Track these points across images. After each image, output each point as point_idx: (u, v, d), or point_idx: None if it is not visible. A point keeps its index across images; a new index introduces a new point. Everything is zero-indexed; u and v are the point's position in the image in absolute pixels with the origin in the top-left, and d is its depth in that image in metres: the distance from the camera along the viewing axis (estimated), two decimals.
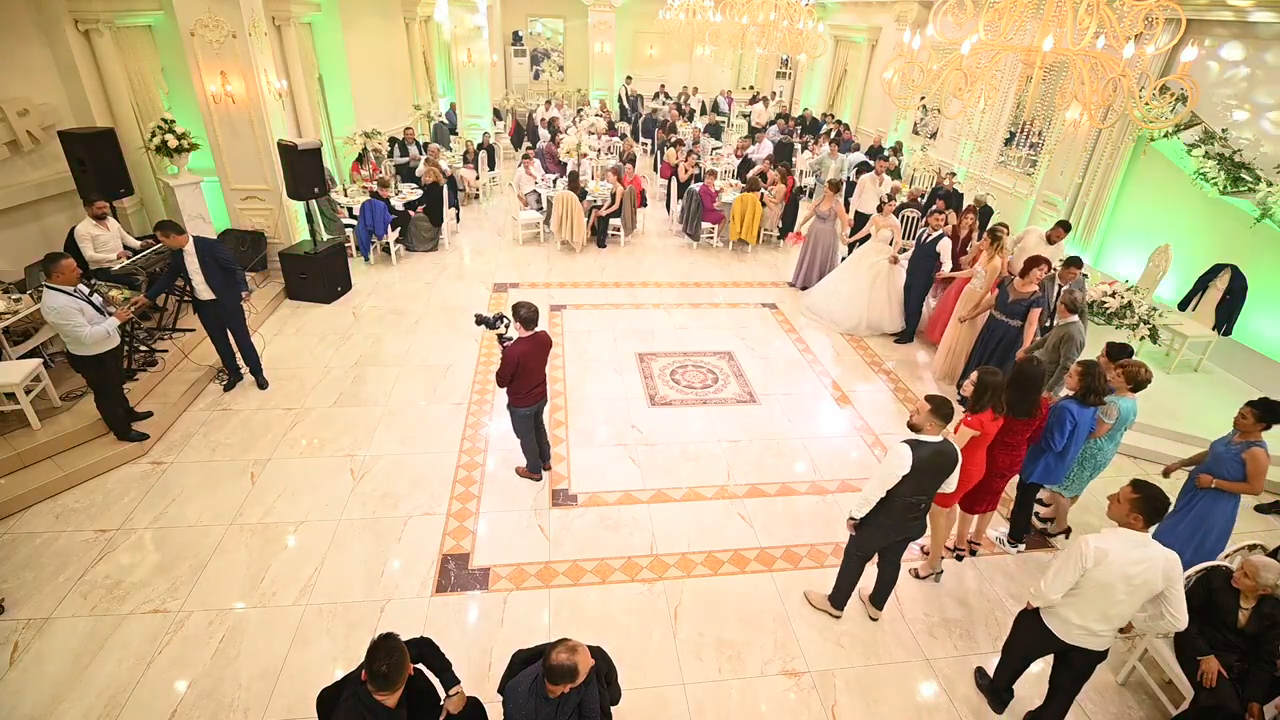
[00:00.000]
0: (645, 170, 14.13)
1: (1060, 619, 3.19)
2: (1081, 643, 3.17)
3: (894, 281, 7.84)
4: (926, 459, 3.48)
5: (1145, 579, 2.94)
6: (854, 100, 15.54)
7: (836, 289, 8.17)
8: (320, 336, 7.31)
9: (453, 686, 2.91)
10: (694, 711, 3.62)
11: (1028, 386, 4.06)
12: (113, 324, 4.81)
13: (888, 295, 7.84)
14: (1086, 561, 2.97)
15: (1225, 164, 6.60)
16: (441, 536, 4.67)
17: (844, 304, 8.02)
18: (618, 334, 7.68)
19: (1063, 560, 3.08)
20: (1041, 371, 4.14)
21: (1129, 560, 2.94)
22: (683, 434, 5.93)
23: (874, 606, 4.20)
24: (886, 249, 7.76)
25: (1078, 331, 5.26)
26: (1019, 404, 4.08)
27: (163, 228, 5.44)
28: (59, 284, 4.57)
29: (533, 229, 10.62)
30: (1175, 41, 4.17)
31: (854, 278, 8.01)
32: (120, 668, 3.68)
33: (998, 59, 3.79)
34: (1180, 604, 2.98)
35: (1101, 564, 2.95)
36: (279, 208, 8.08)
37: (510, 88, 19.87)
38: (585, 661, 2.53)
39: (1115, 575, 2.95)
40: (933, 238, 7.31)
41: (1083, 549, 2.99)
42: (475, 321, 4.70)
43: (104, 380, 4.97)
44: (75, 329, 4.57)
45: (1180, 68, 3.31)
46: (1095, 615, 3.07)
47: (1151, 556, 2.94)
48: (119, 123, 7.40)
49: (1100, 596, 3.02)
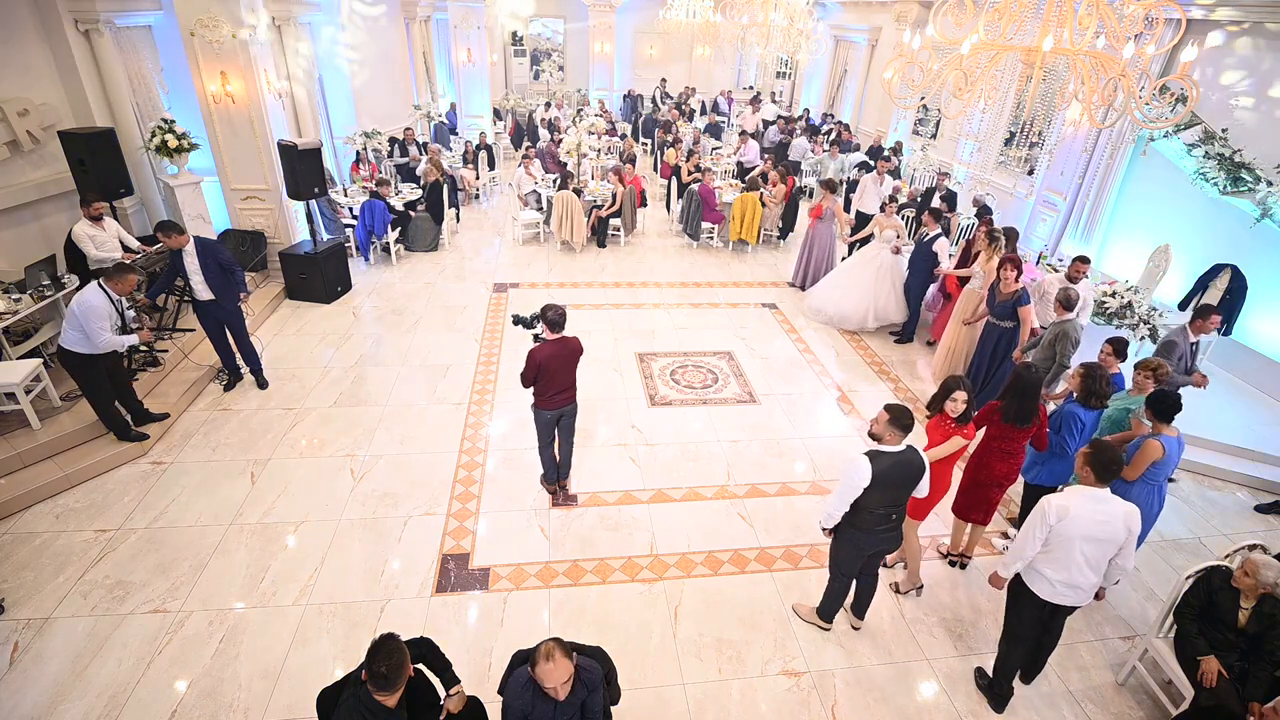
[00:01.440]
0: (645, 170, 14.13)
1: (1042, 579, 3.38)
2: (1066, 600, 3.38)
3: (897, 272, 7.91)
4: (888, 469, 3.42)
5: (1109, 531, 3.20)
6: (854, 100, 15.55)
7: (841, 286, 8.16)
8: (320, 336, 7.31)
9: (453, 686, 2.91)
10: (694, 711, 3.62)
11: (1025, 393, 4.02)
12: (130, 340, 4.92)
13: (892, 285, 7.91)
14: (1050, 518, 3.22)
15: (1225, 164, 6.60)
16: (441, 536, 4.67)
17: (851, 299, 8.01)
18: (618, 334, 7.68)
19: (1029, 521, 3.32)
20: (1039, 379, 4.08)
21: (1091, 515, 3.19)
22: (683, 434, 5.93)
23: (855, 616, 4.15)
24: (888, 247, 7.80)
25: (1073, 330, 5.26)
26: (1017, 411, 4.04)
27: (164, 228, 5.47)
28: (111, 288, 4.73)
29: (533, 229, 10.63)
30: (1175, 41, 4.16)
31: (859, 273, 8.02)
32: (120, 668, 3.68)
33: (998, 59, 3.79)
34: (1131, 553, 3.28)
35: (1064, 519, 3.19)
36: (279, 208, 8.09)
37: (510, 88, 19.87)
38: (564, 669, 2.48)
39: (1079, 529, 3.19)
40: (930, 237, 7.36)
41: (1044, 508, 3.24)
42: (512, 322, 4.72)
43: (89, 379, 4.96)
44: (96, 330, 4.65)
45: (1180, 68, 3.32)
46: (1070, 569, 3.29)
47: (1112, 511, 3.20)
48: (119, 123, 7.39)
49: (1070, 550, 3.25)
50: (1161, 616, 3.77)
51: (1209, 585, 3.53)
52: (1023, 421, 4.06)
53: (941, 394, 3.94)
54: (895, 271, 7.90)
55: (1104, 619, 4.32)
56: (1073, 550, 3.24)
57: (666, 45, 18.80)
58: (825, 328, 8.12)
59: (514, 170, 11.41)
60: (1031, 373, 4.06)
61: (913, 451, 3.50)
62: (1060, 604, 3.40)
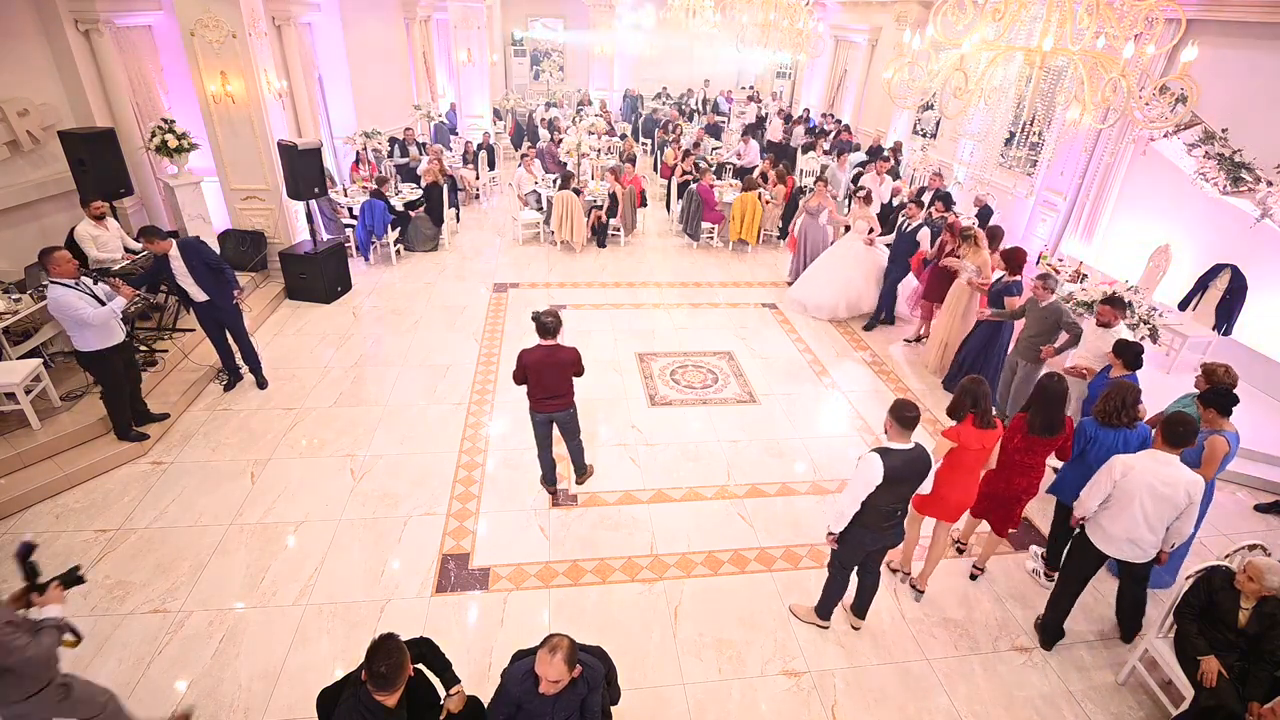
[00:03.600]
0: (645, 170, 14.13)
1: (1102, 532, 3.70)
2: (1124, 555, 3.68)
3: (871, 262, 8.16)
4: (899, 467, 3.44)
5: (1170, 494, 3.45)
6: (854, 100, 15.54)
7: (816, 277, 8.47)
8: (320, 336, 7.31)
9: (453, 686, 2.91)
10: (694, 711, 3.62)
11: (1051, 404, 3.94)
12: (119, 304, 4.83)
13: (864, 276, 8.19)
14: (1115, 474, 3.53)
15: (1225, 164, 6.60)
16: (441, 536, 4.67)
17: (824, 289, 8.30)
18: (618, 334, 7.68)
19: (1097, 476, 3.64)
20: (1064, 389, 3.97)
21: (1156, 476, 3.46)
22: (683, 434, 5.93)
23: (855, 616, 4.14)
24: (862, 237, 8.10)
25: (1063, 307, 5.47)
26: (1043, 423, 3.96)
27: (146, 234, 5.44)
28: (58, 276, 4.60)
29: (533, 229, 10.62)
30: (1175, 41, 4.15)
31: (833, 264, 8.36)
32: (120, 668, 3.68)
33: (997, 59, 3.78)
34: (1191, 519, 3.53)
35: (1128, 475, 3.49)
36: (279, 208, 8.08)
37: (510, 88, 19.88)
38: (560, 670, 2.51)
39: (1142, 487, 3.47)
40: (913, 226, 7.65)
41: (1112, 464, 3.57)
42: (531, 317, 4.70)
43: (110, 376, 4.98)
44: (79, 312, 4.58)
45: (1180, 68, 3.31)
46: (1130, 523, 3.56)
47: (1177, 475, 3.45)
48: (119, 123, 7.40)
49: (1130, 504, 3.53)
50: (1162, 616, 3.77)
51: (1209, 585, 3.53)
52: (1049, 432, 3.99)
53: (966, 400, 3.82)
54: (869, 262, 8.15)
55: (1104, 619, 4.32)
56: (1133, 504, 3.51)
57: (666, 45, 18.79)
58: (825, 327, 8.12)
59: (514, 170, 11.42)
60: (1057, 383, 3.96)
61: (920, 449, 3.52)
62: (1120, 559, 3.69)
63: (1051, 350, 5.46)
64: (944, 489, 3.97)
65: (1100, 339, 5.14)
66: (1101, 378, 4.88)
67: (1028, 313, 5.65)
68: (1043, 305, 5.49)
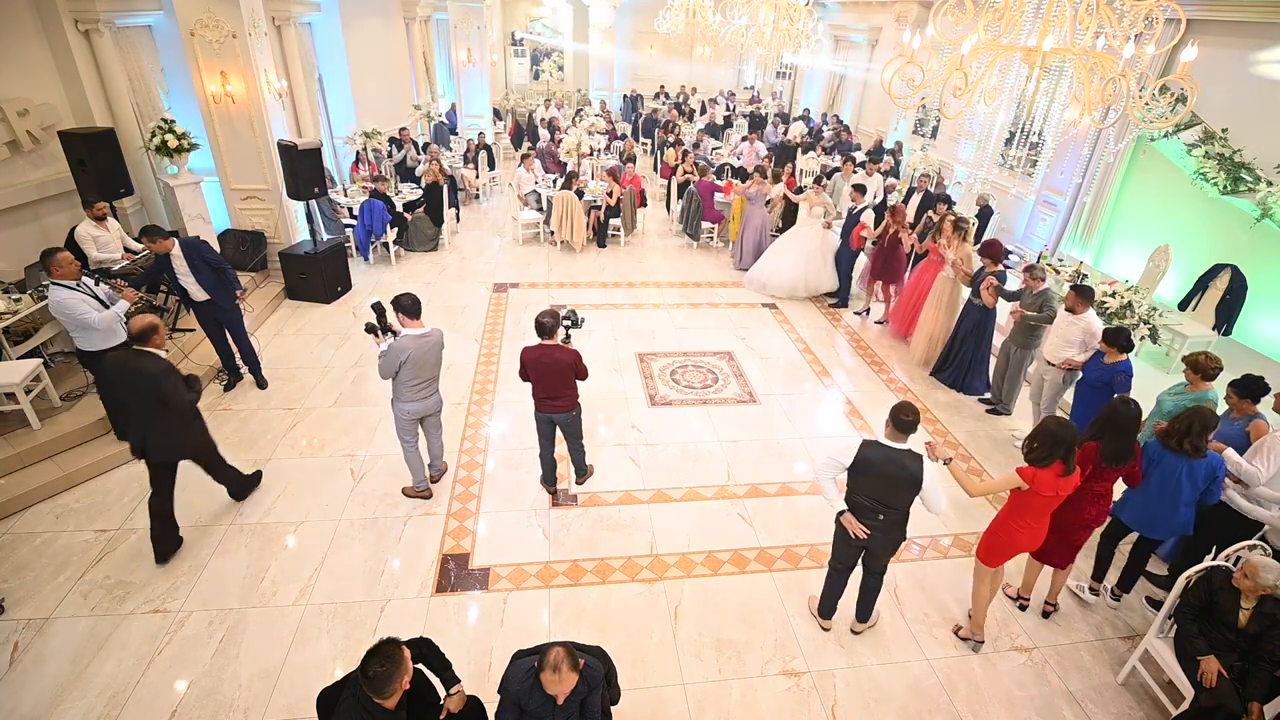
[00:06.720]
0: (645, 170, 14.13)
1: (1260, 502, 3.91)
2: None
3: (828, 245, 8.81)
4: (875, 460, 3.44)
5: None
6: (854, 100, 15.54)
7: (776, 259, 8.99)
8: (320, 336, 7.31)
9: (453, 686, 2.91)
10: (694, 711, 3.62)
11: (1123, 431, 3.77)
12: (122, 307, 4.85)
13: (823, 259, 8.80)
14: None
15: (1225, 164, 6.60)
16: (441, 537, 4.67)
17: (785, 271, 8.83)
18: (618, 334, 7.68)
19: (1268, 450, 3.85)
20: (1136, 414, 3.81)
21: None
22: (683, 434, 5.93)
23: (856, 620, 4.12)
24: (819, 221, 8.71)
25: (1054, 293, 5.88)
26: (1114, 450, 3.80)
27: (149, 233, 5.44)
28: (60, 279, 4.62)
29: (533, 229, 10.62)
30: (1175, 41, 4.15)
31: (791, 246, 8.94)
32: (120, 668, 3.68)
33: (997, 59, 3.78)
34: None
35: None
36: (279, 208, 8.08)
37: (510, 88, 19.87)
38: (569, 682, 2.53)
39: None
40: (857, 210, 8.34)
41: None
42: (536, 317, 4.70)
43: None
44: (83, 316, 4.61)
45: (1180, 68, 3.31)
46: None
47: None
48: (119, 123, 7.39)
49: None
50: (1162, 617, 3.77)
51: (1209, 585, 3.53)
52: (1120, 462, 3.83)
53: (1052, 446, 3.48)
54: (826, 245, 8.78)
55: (1104, 619, 4.33)
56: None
57: (667, 45, 18.79)
58: (825, 327, 8.12)
59: (514, 170, 11.41)
60: (1126, 408, 3.81)
61: (910, 456, 3.44)
62: None
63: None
64: (1013, 533, 3.75)
65: (1070, 326, 5.40)
66: (1093, 365, 5.11)
67: (1023, 300, 5.97)
68: (1035, 293, 5.89)
